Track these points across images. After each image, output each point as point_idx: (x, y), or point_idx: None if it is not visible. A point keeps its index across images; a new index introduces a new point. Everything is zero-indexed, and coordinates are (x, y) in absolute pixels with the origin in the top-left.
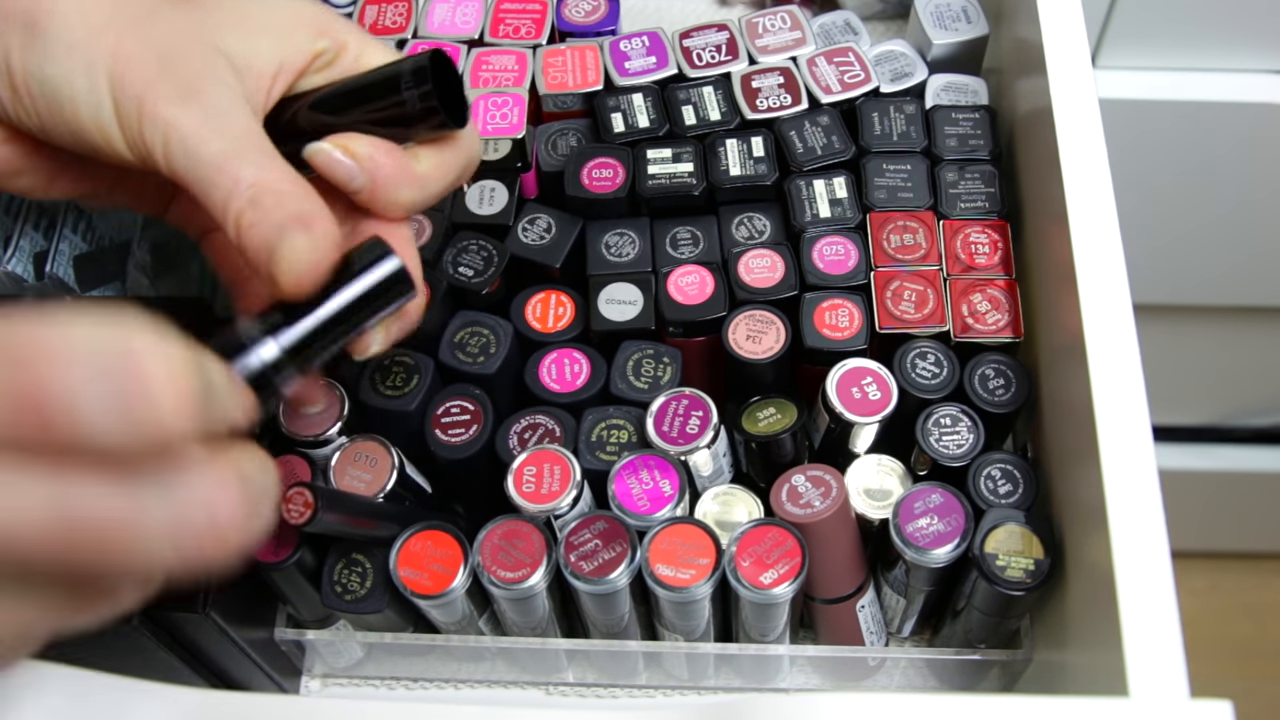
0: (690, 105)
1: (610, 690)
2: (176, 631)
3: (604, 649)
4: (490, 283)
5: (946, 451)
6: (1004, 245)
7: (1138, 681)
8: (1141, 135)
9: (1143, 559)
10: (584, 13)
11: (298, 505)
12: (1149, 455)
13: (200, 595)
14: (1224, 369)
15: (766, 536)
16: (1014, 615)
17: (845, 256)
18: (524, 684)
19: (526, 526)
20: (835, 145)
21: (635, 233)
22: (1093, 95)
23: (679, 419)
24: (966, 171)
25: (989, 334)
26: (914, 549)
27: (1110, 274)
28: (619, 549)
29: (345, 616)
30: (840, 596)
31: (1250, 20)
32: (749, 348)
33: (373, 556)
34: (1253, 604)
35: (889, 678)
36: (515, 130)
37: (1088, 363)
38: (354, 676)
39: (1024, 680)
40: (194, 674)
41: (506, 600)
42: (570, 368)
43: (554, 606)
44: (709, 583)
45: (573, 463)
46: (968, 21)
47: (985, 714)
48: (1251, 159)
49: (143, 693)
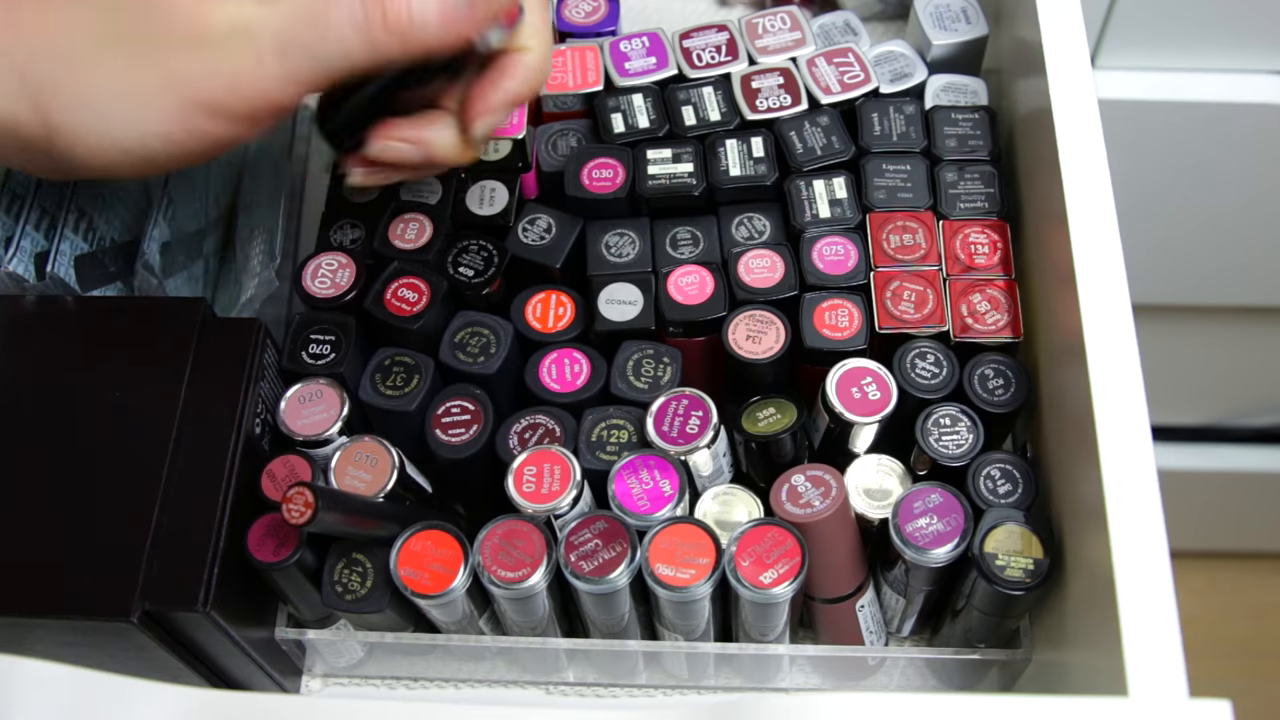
0: (690, 106)
1: (610, 690)
2: (177, 631)
3: (604, 648)
4: (491, 283)
5: (946, 451)
6: (1003, 245)
7: (1137, 681)
8: (1141, 135)
9: (1142, 559)
10: (584, 13)
11: (298, 505)
12: (1148, 455)
13: (201, 594)
14: (1223, 369)
15: (766, 536)
16: (1013, 615)
17: (845, 257)
18: (524, 684)
19: (527, 526)
20: (835, 146)
21: (635, 233)
22: (1092, 96)
23: (679, 419)
24: (966, 172)
25: (988, 334)
26: (914, 549)
27: (1109, 274)
28: (619, 549)
29: (346, 616)
30: (840, 596)
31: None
32: (749, 348)
33: (373, 556)
34: (1252, 603)
35: (889, 677)
36: (516, 131)
37: (1087, 363)
38: (354, 676)
39: (1023, 680)
40: (194, 673)
41: (507, 600)
42: (570, 368)
43: (554, 606)
44: (709, 582)
45: (573, 463)
46: (967, 22)
47: (985, 713)
48: (1250, 159)
49: (143, 692)
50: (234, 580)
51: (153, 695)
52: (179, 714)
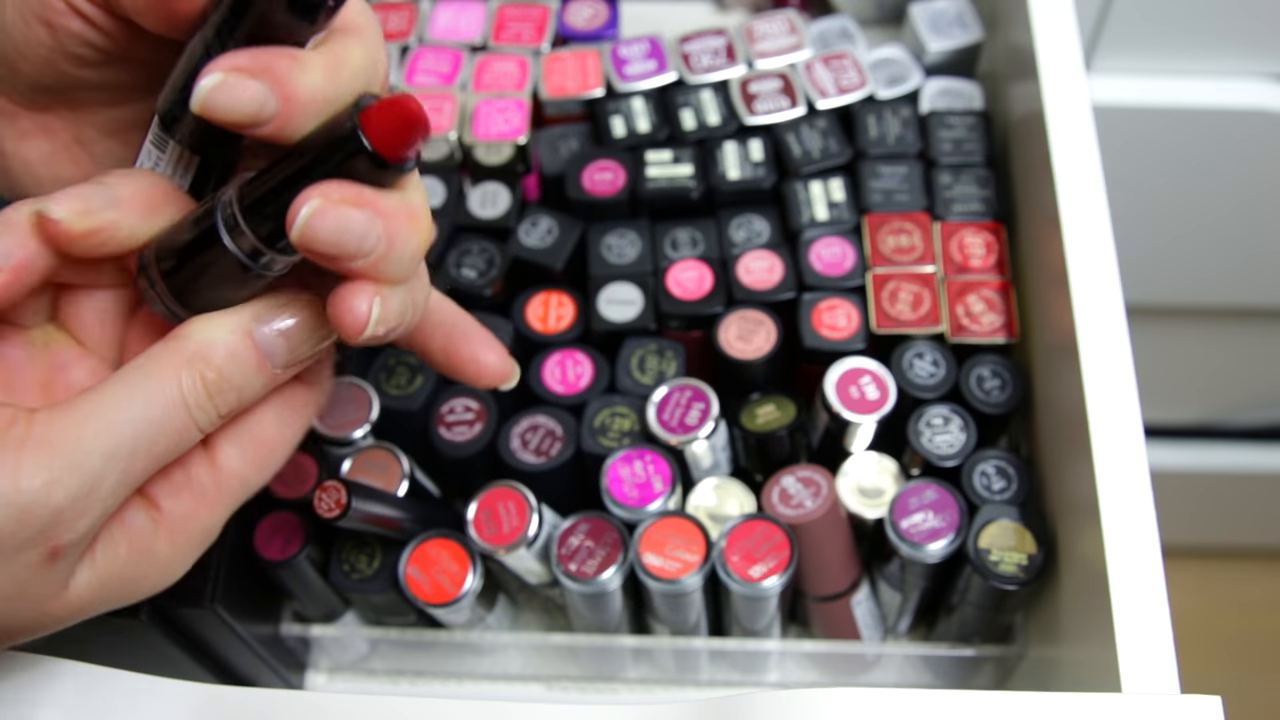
0: (690, 109)
1: (611, 685)
2: (184, 627)
3: (604, 645)
4: (492, 284)
5: (938, 451)
6: (999, 248)
7: (1129, 676)
8: (1134, 138)
9: (1135, 555)
10: (585, 18)
11: (329, 500)
12: (1140, 453)
13: (208, 591)
14: (1215, 368)
15: (756, 531)
16: (1007, 610)
17: (842, 258)
18: (527, 679)
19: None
20: (832, 149)
21: (635, 234)
22: (1085, 100)
23: (680, 409)
24: (961, 175)
25: (984, 335)
26: (909, 544)
27: (1102, 276)
28: (609, 548)
29: (352, 597)
30: (835, 594)
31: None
32: (739, 347)
33: (384, 541)
34: (1243, 600)
35: (885, 673)
36: (517, 134)
37: (1080, 363)
38: (359, 671)
39: (1017, 675)
40: (201, 669)
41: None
42: (573, 369)
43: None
44: (698, 575)
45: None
46: (962, 27)
47: (979, 709)
48: (1242, 163)
49: (151, 688)
50: (240, 577)
51: (161, 691)
52: (187, 709)
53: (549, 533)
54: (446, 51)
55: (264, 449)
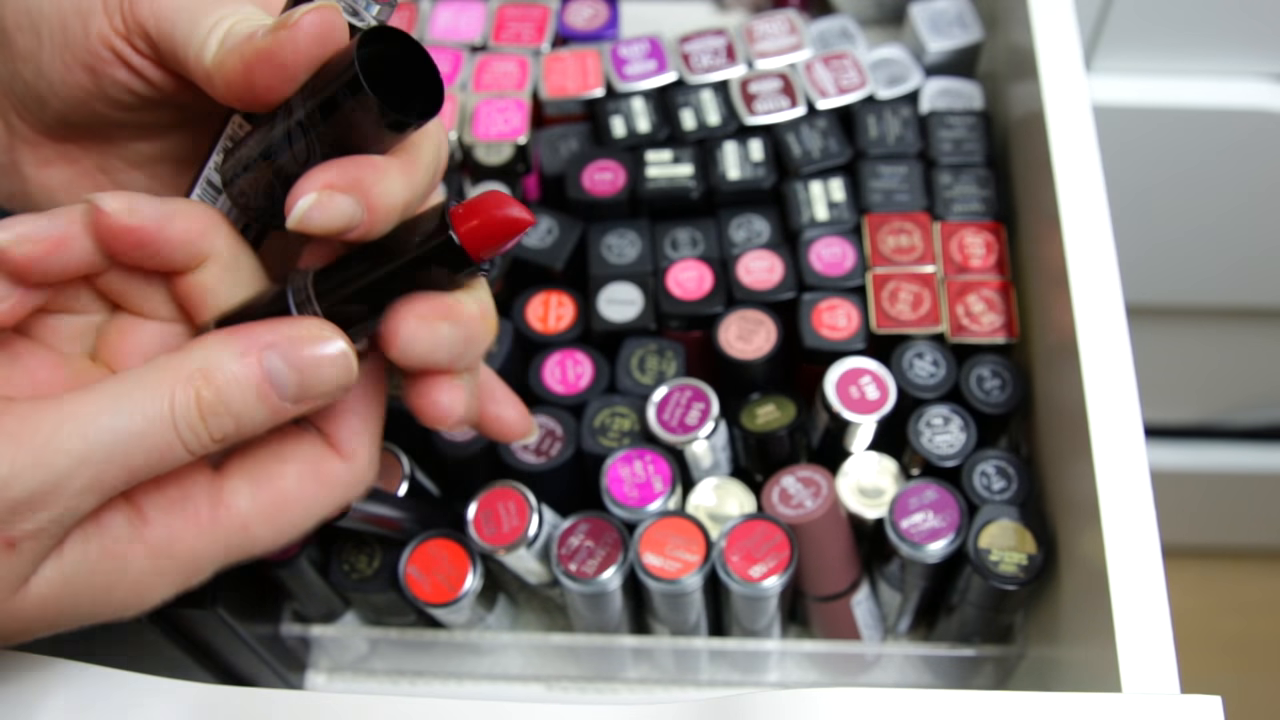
0: (690, 109)
1: (611, 685)
2: (185, 628)
3: (604, 645)
4: (492, 284)
5: (938, 451)
6: (999, 247)
7: (1129, 676)
8: (1134, 138)
9: (1135, 555)
10: (585, 18)
11: None
12: (1141, 453)
13: (208, 591)
14: (1215, 368)
15: (756, 531)
16: (1007, 610)
17: (842, 258)
18: (526, 679)
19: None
20: (832, 149)
21: (635, 234)
22: (1085, 100)
23: (680, 409)
24: (961, 175)
25: (984, 335)
26: (909, 544)
27: (1102, 276)
28: (609, 548)
29: (352, 597)
30: (835, 594)
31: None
32: (739, 347)
33: (383, 541)
34: (1243, 600)
35: (885, 673)
36: (517, 134)
37: (1080, 363)
38: (359, 671)
39: (1017, 675)
40: (202, 669)
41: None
42: (573, 369)
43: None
44: (698, 575)
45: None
46: (963, 27)
47: (979, 709)
48: (1242, 163)
49: (151, 688)
50: (241, 578)
51: (163, 691)
52: (189, 709)
53: (549, 533)
54: (447, 51)
55: (277, 501)
